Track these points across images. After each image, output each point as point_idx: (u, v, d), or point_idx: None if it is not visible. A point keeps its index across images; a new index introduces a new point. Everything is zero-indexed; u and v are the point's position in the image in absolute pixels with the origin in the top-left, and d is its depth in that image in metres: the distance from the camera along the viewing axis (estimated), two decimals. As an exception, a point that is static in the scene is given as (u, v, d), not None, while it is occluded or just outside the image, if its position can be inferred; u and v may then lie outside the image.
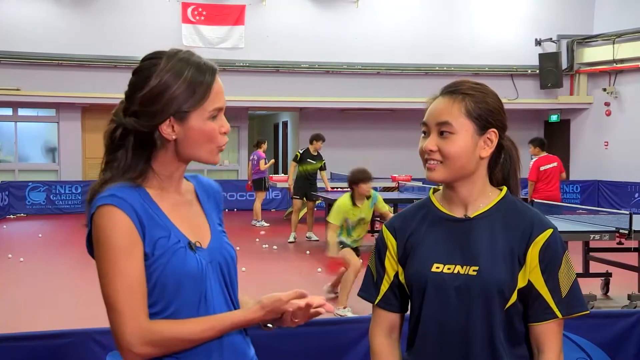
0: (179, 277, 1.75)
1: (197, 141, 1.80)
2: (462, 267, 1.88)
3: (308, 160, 12.61)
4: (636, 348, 3.99)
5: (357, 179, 7.41)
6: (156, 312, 1.75)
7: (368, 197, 7.55)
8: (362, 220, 7.56)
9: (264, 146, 14.94)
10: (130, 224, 1.72)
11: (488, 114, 1.91)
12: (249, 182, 14.90)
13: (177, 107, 1.76)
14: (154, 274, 1.75)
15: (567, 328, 3.81)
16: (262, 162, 14.43)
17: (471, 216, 1.93)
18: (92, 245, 1.77)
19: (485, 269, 1.86)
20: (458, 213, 1.95)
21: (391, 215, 7.18)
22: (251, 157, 14.81)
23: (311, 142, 12.69)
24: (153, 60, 1.80)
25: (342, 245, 7.44)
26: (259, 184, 14.55)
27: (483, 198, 1.94)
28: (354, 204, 7.45)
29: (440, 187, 2.02)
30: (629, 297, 7.31)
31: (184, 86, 1.77)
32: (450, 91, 1.92)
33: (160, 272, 1.75)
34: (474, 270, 1.87)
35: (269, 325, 1.86)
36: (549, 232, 1.88)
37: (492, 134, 1.92)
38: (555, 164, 11.13)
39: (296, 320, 1.80)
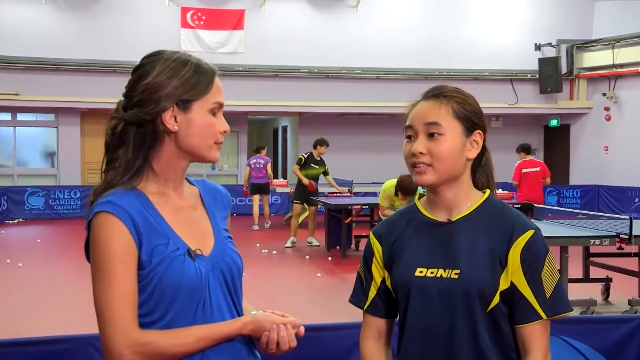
0: (177, 284, 1.73)
1: (198, 133, 1.79)
2: (444, 271, 1.89)
3: (312, 165, 12.41)
4: (637, 353, 3.97)
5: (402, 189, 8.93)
6: (153, 320, 1.73)
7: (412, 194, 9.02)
8: None
9: (264, 151, 15.08)
10: (126, 233, 1.70)
11: (473, 115, 1.94)
12: (245, 188, 15.04)
13: (182, 93, 1.77)
14: (152, 282, 1.73)
15: (567, 333, 3.80)
16: (269, 165, 14.84)
17: (453, 219, 1.93)
18: (89, 251, 1.76)
19: (466, 272, 1.86)
20: (441, 217, 1.95)
21: None
22: (254, 161, 14.81)
23: (315, 147, 12.46)
24: (155, 56, 1.83)
25: None
26: (268, 187, 14.87)
27: (467, 201, 1.95)
28: (396, 194, 9.07)
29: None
30: (630, 302, 7.30)
31: (188, 74, 1.79)
32: (435, 94, 1.96)
33: (159, 280, 1.73)
34: (455, 274, 1.87)
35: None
36: (530, 233, 1.88)
37: (478, 136, 1.95)
38: (538, 168, 11.29)
39: (271, 349, 1.78)
